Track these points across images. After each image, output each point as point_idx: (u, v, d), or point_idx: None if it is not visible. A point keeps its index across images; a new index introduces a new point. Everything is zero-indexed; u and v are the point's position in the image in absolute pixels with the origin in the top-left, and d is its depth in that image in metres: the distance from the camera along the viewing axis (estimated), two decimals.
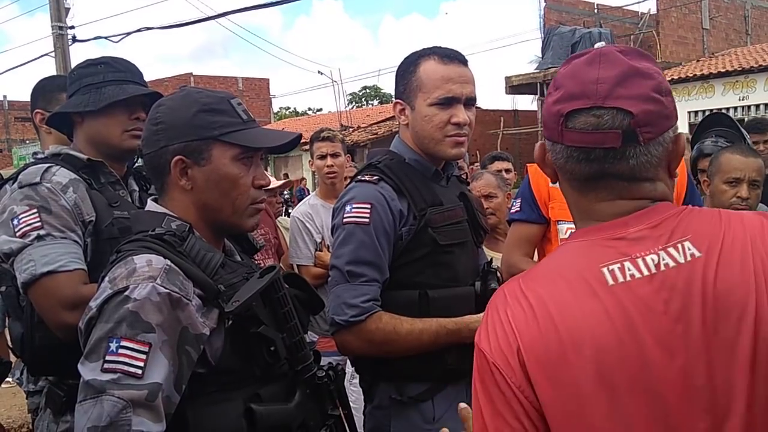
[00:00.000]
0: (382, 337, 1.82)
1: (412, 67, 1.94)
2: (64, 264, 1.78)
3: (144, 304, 1.24)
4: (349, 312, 1.82)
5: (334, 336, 1.91)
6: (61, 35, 11.80)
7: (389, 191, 1.90)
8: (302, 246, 3.61)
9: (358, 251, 1.84)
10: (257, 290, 1.34)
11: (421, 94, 1.91)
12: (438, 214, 1.90)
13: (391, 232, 1.87)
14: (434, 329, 1.84)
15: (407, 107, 1.96)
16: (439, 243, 1.88)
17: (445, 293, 1.90)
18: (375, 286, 1.85)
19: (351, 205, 1.89)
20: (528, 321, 1.01)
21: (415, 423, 1.90)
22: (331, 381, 1.50)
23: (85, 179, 1.94)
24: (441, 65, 1.91)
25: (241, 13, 12.65)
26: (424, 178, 1.97)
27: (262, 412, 1.34)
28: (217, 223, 1.47)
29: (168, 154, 1.42)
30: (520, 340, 1.00)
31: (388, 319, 1.83)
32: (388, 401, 1.92)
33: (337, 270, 1.88)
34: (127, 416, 1.19)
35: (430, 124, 1.91)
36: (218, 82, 33.09)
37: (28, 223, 1.81)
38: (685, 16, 21.37)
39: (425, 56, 1.93)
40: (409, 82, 1.94)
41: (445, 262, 1.91)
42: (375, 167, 1.97)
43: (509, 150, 18.89)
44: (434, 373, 1.90)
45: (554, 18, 21.38)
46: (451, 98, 1.89)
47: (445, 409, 1.89)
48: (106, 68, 2.01)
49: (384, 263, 1.86)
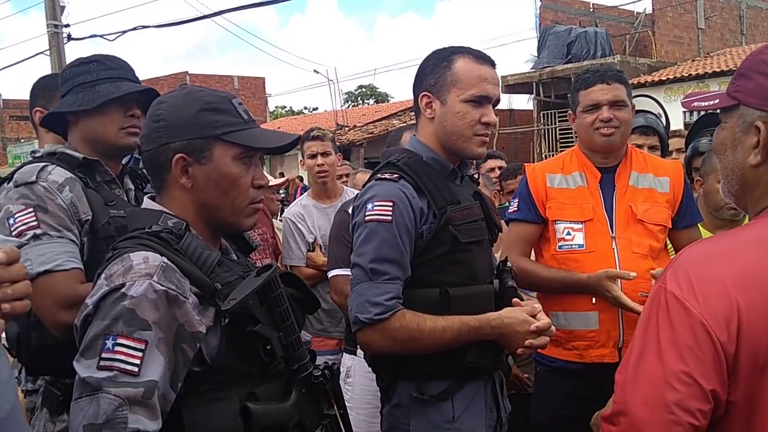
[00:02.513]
0: (406, 335, 1.82)
1: (446, 63, 1.94)
2: (61, 263, 1.78)
3: (141, 302, 1.25)
4: (373, 310, 1.82)
5: (357, 334, 1.90)
6: (56, 33, 11.79)
7: (410, 189, 1.90)
8: (294, 247, 3.61)
9: (381, 249, 1.84)
10: (254, 289, 1.34)
11: (455, 89, 1.92)
12: (457, 212, 1.91)
13: (413, 230, 1.87)
14: (457, 327, 1.84)
15: (436, 101, 1.96)
16: (459, 240, 1.89)
17: (465, 291, 1.91)
18: (398, 284, 1.85)
19: (373, 203, 1.89)
20: (746, 284, 1.07)
21: (435, 422, 1.89)
22: (327, 380, 1.50)
23: (81, 178, 1.93)
24: (477, 64, 1.93)
25: (236, 11, 12.64)
26: (441, 177, 1.97)
27: (258, 411, 1.33)
28: (215, 221, 1.48)
29: (169, 151, 1.42)
30: (739, 302, 1.05)
31: (412, 316, 1.83)
32: (408, 400, 1.92)
33: (359, 268, 1.87)
34: (123, 414, 1.19)
35: (463, 120, 1.92)
36: (214, 81, 32.98)
37: (25, 222, 1.80)
38: (680, 16, 21.40)
39: (460, 53, 1.95)
40: (442, 75, 1.94)
41: (464, 260, 1.92)
42: (394, 165, 1.97)
43: (505, 149, 18.91)
44: (455, 370, 1.90)
45: (550, 17, 21.41)
46: (485, 97, 1.92)
47: (464, 407, 1.91)
48: (98, 66, 2.00)
49: (407, 261, 1.87)
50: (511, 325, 1.86)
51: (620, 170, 2.50)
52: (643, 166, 2.52)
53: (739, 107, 1.22)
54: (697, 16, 21.73)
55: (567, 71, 18.27)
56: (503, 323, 1.86)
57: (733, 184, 1.25)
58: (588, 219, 2.44)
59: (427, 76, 1.98)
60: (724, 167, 1.27)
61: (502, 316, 1.87)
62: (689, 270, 1.11)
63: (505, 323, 1.86)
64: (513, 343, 1.89)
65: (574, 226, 2.45)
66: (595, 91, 2.44)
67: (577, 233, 2.44)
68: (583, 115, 2.48)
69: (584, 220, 2.44)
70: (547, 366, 2.53)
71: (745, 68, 1.24)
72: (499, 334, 1.87)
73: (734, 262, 1.10)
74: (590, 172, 2.50)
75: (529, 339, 1.86)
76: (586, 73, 2.54)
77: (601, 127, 2.42)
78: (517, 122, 23.38)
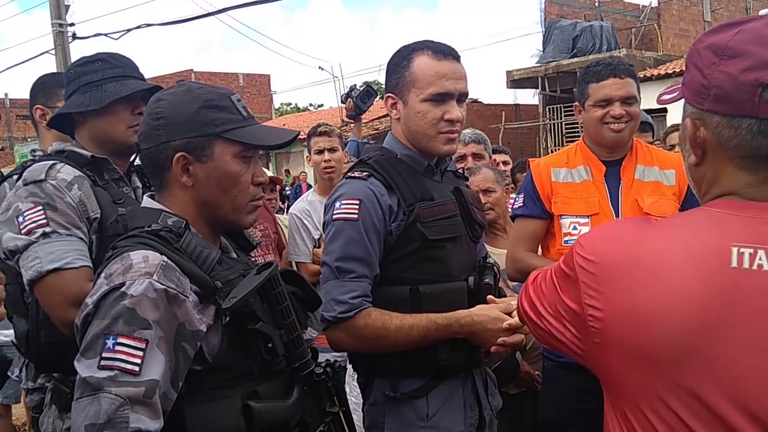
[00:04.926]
0: (372, 333, 1.82)
1: (405, 62, 1.92)
2: (70, 261, 1.79)
3: (141, 301, 1.24)
4: (337, 308, 1.83)
5: (325, 332, 1.91)
6: (61, 33, 11.81)
7: (379, 187, 1.89)
8: (300, 243, 3.60)
9: (347, 247, 1.84)
10: (254, 287, 1.33)
11: (414, 89, 1.90)
12: (427, 209, 1.89)
13: (381, 227, 1.86)
14: (424, 324, 1.83)
15: (399, 102, 1.95)
16: (428, 238, 1.87)
17: (436, 288, 1.89)
18: (364, 283, 1.84)
19: (340, 201, 1.89)
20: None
21: (409, 420, 1.88)
22: (329, 378, 1.50)
23: (89, 176, 1.95)
24: (435, 61, 1.89)
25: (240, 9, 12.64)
26: (416, 174, 1.96)
27: (259, 410, 1.33)
28: (215, 219, 1.47)
29: (169, 150, 1.41)
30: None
31: (378, 315, 1.83)
32: (382, 398, 1.92)
33: (326, 266, 1.88)
34: (124, 413, 1.19)
35: (424, 120, 1.90)
36: (219, 79, 32.99)
37: (34, 220, 1.81)
38: (686, 9, 21.28)
39: (418, 50, 1.92)
40: (401, 76, 1.92)
41: (436, 257, 1.90)
42: (365, 163, 1.97)
43: (510, 144, 18.87)
44: (427, 368, 1.89)
45: (555, 11, 21.32)
46: (445, 94, 1.88)
47: (439, 405, 1.89)
48: (104, 65, 2.00)
49: (374, 259, 1.86)
50: (482, 323, 1.84)
51: (626, 163, 2.48)
52: (648, 159, 2.49)
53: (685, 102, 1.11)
54: (703, 8, 21.60)
55: (572, 65, 18.18)
56: (473, 321, 1.84)
57: (691, 185, 1.15)
58: (594, 213, 2.42)
59: (391, 77, 1.97)
60: (685, 167, 1.16)
61: (473, 314, 1.86)
62: None
63: (476, 321, 1.84)
64: (485, 341, 1.87)
65: (579, 220, 2.44)
66: (608, 85, 2.40)
67: (583, 227, 2.42)
68: (593, 109, 2.44)
69: (590, 214, 2.42)
70: (554, 361, 2.52)
71: (687, 57, 1.11)
72: (469, 332, 1.85)
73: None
74: (595, 166, 2.48)
75: (502, 337, 1.84)
76: (597, 65, 2.48)
77: (612, 122, 2.39)
78: (522, 117, 23.32)
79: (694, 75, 1.05)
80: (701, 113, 1.04)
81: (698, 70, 1.04)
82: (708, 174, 1.07)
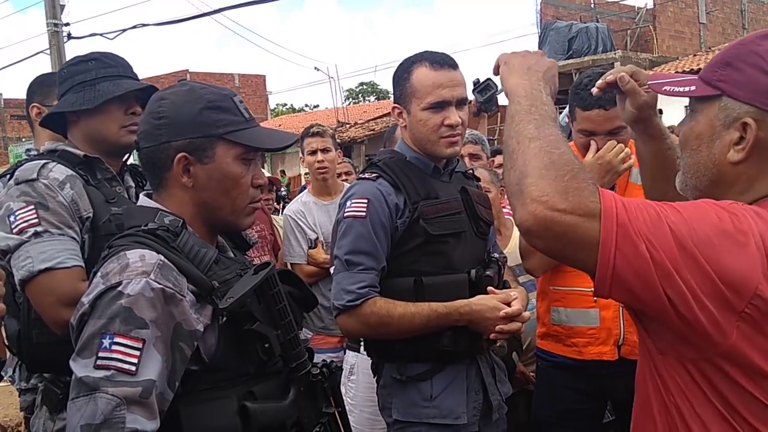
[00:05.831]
0: (377, 320, 2.00)
1: (406, 74, 2.10)
2: (62, 261, 1.78)
3: (137, 300, 1.24)
4: (346, 297, 2.02)
5: (336, 319, 2.10)
6: (57, 32, 11.78)
7: (387, 187, 2.07)
8: (294, 244, 3.60)
9: (356, 242, 2.02)
10: (251, 287, 1.33)
11: (415, 99, 2.07)
12: (430, 207, 2.06)
13: (388, 224, 2.04)
14: (426, 313, 1.99)
15: (404, 111, 2.13)
16: (430, 233, 2.03)
17: (438, 280, 2.05)
18: (372, 274, 2.02)
19: (351, 200, 2.08)
20: None
21: (414, 400, 2.06)
22: (325, 378, 1.50)
23: (81, 175, 1.93)
24: (432, 71, 2.05)
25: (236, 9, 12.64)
26: (423, 175, 2.13)
27: (256, 410, 1.33)
28: (214, 220, 1.47)
29: (170, 150, 1.41)
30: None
31: (383, 303, 2.00)
32: (391, 380, 2.11)
33: (338, 260, 2.07)
34: (121, 413, 1.18)
35: (425, 127, 2.07)
36: (214, 79, 32.87)
37: (25, 219, 1.80)
38: (681, 11, 21.34)
39: (417, 63, 2.08)
40: (404, 88, 2.10)
41: (440, 251, 2.06)
42: (375, 165, 2.16)
43: None
44: (432, 354, 2.05)
45: (551, 13, 21.35)
46: (443, 102, 2.04)
47: (442, 388, 2.05)
48: (97, 64, 1.99)
49: (380, 253, 2.03)
50: (480, 312, 2.00)
51: None
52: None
53: (722, 98, 1.13)
54: (698, 10, 21.67)
55: (568, 67, 18.21)
56: (472, 310, 2.00)
57: (702, 180, 1.16)
58: None
59: (395, 89, 2.15)
60: (694, 162, 1.18)
61: (471, 303, 2.01)
62: None
63: (474, 310, 2.00)
64: (484, 329, 2.02)
65: None
66: (592, 116, 2.27)
67: None
68: (578, 134, 2.34)
69: None
70: (547, 361, 2.52)
71: (733, 57, 1.13)
72: (468, 320, 2.01)
73: None
74: None
75: (500, 324, 1.98)
76: (586, 87, 2.21)
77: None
78: None
79: (756, 76, 1.10)
80: (763, 114, 1.09)
81: (763, 72, 1.10)
82: (749, 173, 1.12)
